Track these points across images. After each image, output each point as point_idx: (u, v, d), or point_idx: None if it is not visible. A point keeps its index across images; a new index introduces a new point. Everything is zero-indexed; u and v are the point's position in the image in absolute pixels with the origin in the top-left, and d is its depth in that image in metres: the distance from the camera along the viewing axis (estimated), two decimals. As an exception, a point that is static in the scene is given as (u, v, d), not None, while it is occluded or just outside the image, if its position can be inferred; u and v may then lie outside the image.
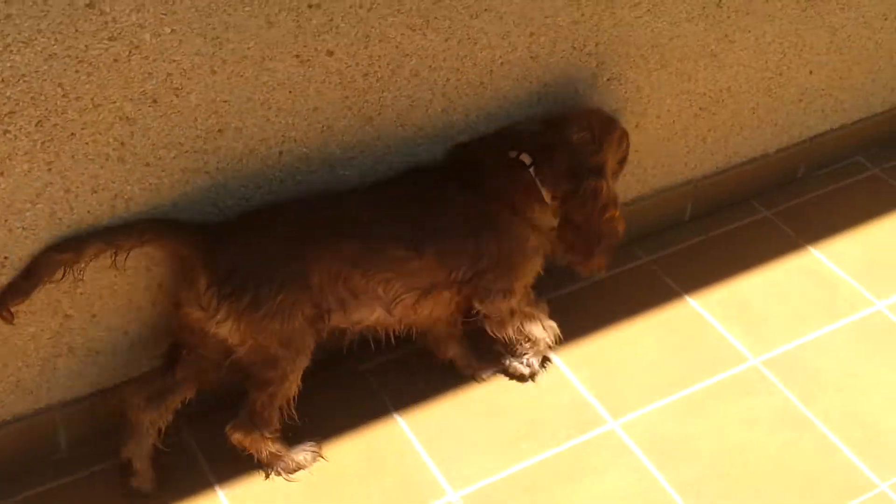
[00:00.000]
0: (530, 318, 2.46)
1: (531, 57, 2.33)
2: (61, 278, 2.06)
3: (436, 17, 2.13)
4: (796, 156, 3.03)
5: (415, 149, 2.30)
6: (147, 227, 2.12)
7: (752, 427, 2.43)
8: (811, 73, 2.86)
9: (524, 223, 2.34)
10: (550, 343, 2.51)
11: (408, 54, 2.15)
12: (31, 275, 2.06)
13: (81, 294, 2.13)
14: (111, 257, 2.09)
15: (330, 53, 2.05)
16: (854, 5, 2.79)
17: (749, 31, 2.64)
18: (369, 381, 2.52)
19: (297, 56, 2.02)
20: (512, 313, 2.42)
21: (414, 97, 2.22)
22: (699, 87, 2.66)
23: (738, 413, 2.46)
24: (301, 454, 2.36)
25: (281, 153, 2.13)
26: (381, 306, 2.27)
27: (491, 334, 2.45)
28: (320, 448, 2.40)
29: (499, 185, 2.31)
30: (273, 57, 2.00)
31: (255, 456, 2.31)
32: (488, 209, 2.30)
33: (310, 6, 1.97)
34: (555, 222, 2.38)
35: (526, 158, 2.31)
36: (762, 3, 2.60)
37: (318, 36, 2.01)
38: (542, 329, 2.49)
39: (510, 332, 2.45)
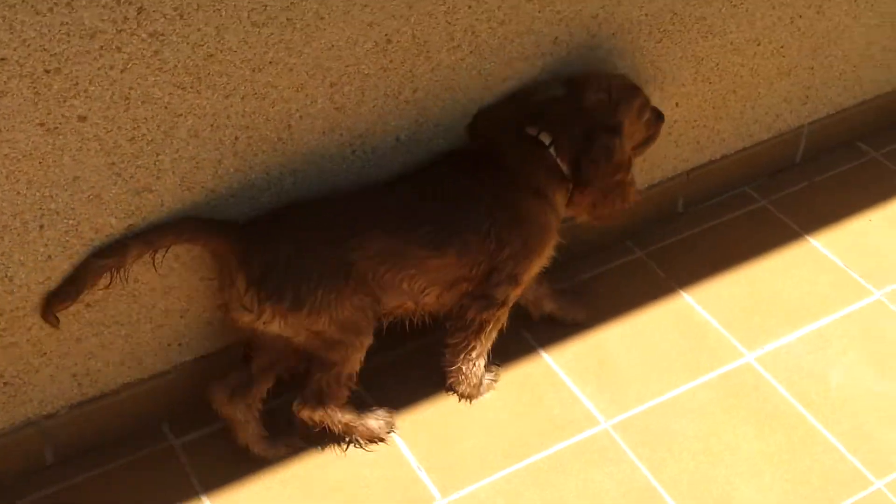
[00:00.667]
0: (488, 339, 2.41)
1: (336, 108, 2.14)
2: (109, 283, 2.10)
3: (209, 74, 1.94)
4: (673, 190, 2.83)
5: (209, 211, 2.13)
6: (185, 226, 2.14)
7: (592, 502, 2.25)
8: (677, 105, 2.66)
9: (547, 207, 2.34)
10: (469, 390, 2.46)
11: (181, 114, 1.96)
12: (77, 280, 2.08)
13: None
14: (151, 257, 2.13)
15: (82, 119, 1.86)
16: (718, 33, 2.59)
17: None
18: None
19: (42, 124, 1.83)
20: (502, 305, 2.35)
21: (198, 158, 2.04)
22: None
23: (579, 486, 2.27)
24: (374, 421, 2.37)
25: (42, 227, 1.96)
26: (410, 299, 2.31)
27: (448, 325, 2.41)
28: (393, 417, 2.41)
29: (520, 169, 2.31)
30: (12, 127, 1.82)
31: (330, 430, 2.32)
32: (510, 199, 2.30)
33: (46, 71, 1.78)
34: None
35: (545, 137, 2.30)
36: (608, 38, 2.42)
37: (64, 102, 1.83)
38: (476, 367, 2.44)
39: (471, 334, 2.39)
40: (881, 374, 2.50)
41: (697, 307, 2.65)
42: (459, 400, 2.47)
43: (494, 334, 2.44)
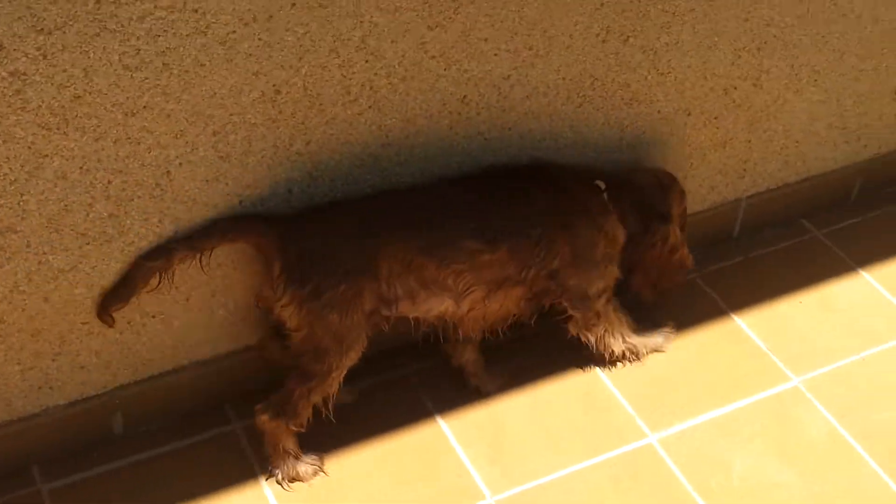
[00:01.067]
0: (613, 330, 2.54)
1: (220, 157, 2.08)
2: (157, 285, 2.19)
3: (77, 116, 1.89)
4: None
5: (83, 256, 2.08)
6: (227, 227, 2.22)
7: (464, 580, 2.16)
8: (600, 171, 2.59)
9: (597, 229, 2.42)
10: (632, 358, 2.60)
11: (46, 155, 1.91)
12: (129, 282, 2.18)
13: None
14: (197, 260, 2.21)
15: (-65, 156, 1.83)
16: (644, 100, 2.51)
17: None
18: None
19: None
20: (598, 316, 2.49)
21: (67, 201, 1.99)
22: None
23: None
24: (302, 466, 2.36)
25: None
26: (451, 297, 2.32)
27: (575, 335, 2.52)
28: (322, 462, 2.39)
29: (576, 191, 2.42)
30: None
31: (267, 448, 2.33)
32: (564, 209, 2.38)
33: None
34: (622, 237, 2.48)
35: (600, 183, 2.47)
36: (521, 101, 2.34)
37: (-83, 137, 1.79)
38: (622, 344, 2.56)
39: (593, 339, 2.52)
40: (786, 463, 2.39)
41: (606, 381, 2.55)
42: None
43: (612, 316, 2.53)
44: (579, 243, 2.40)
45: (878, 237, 2.99)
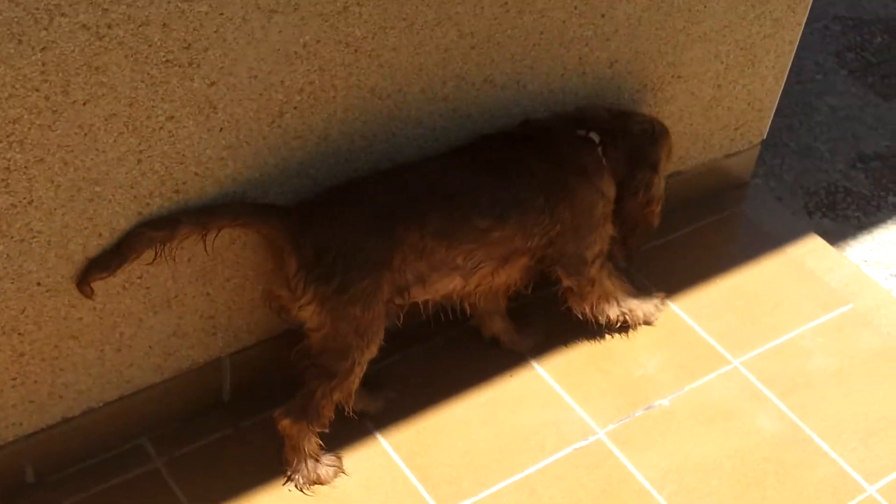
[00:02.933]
0: (608, 296, 2.62)
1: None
2: (153, 259, 2.09)
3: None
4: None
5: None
6: (240, 210, 2.16)
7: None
8: None
9: (594, 190, 2.47)
10: (631, 321, 2.71)
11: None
12: (122, 250, 2.06)
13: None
14: (202, 237, 2.12)
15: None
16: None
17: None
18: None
19: None
20: (592, 283, 2.55)
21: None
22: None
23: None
24: (322, 468, 2.38)
25: None
26: (460, 275, 2.34)
27: (572, 308, 2.61)
28: (341, 462, 2.43)
29: (571, 153, 2.46)
30: None
31: (287, 451, 2.34)
32: (562, 176, 2.43)
33: None
34: (614, 192, 2.53)
35: (594, 136, 2.51)
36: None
37: None
38: (618, 309, 2.65)
39: (587, 306, 2.60)
40: None
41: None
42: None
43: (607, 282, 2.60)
44: (579, 208, 2.45)
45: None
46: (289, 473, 2.38)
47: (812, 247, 3.16)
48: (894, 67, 4.24)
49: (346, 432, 2.51)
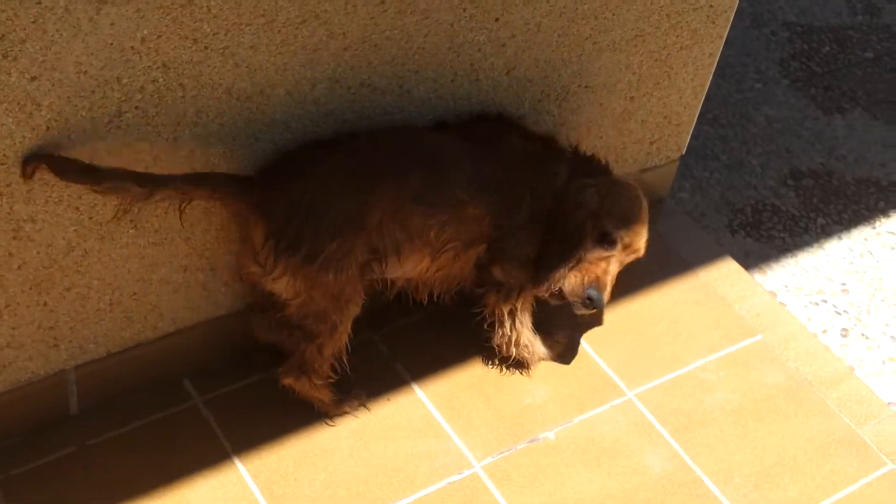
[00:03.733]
0: (520, 320, 2.54)
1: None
2: (117, 211, 2.03)
3: None
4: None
5: None
6: (221, 181, 2.12)
7: None
8: None
9: (551, 195, 2.40)
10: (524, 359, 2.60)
11: None
12: (101, 176, 1.96)
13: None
14: (178, 205, 2.10)
15: None
16: None
17: None
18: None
19: None
20: (517, 298, 2.48)
21: None
22: None
23: None
24: (346, 403, 2.46)
25: None
26: (429, 254, 2.31)
27: (487, 319, 2.53)
28: (365, 396, 2.50)
29: (542, 152, 2.44)
30: None
31: (306, 400, 2.41)
32: (534, 166, 2.39)
33: None
34: None
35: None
36: None
37: None
38: (523, 339, 2.56)
39: (506, 324, 2.52)
40: None
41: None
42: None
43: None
44: (535, 206, 2.36)
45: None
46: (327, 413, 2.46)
47: (726, 271, 2.98)
48: (839, 79, 4.07)
49: (203, 455, 2.34)
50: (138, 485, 2.29)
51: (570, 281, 2.36)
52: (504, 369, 2.62)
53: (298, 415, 2.44)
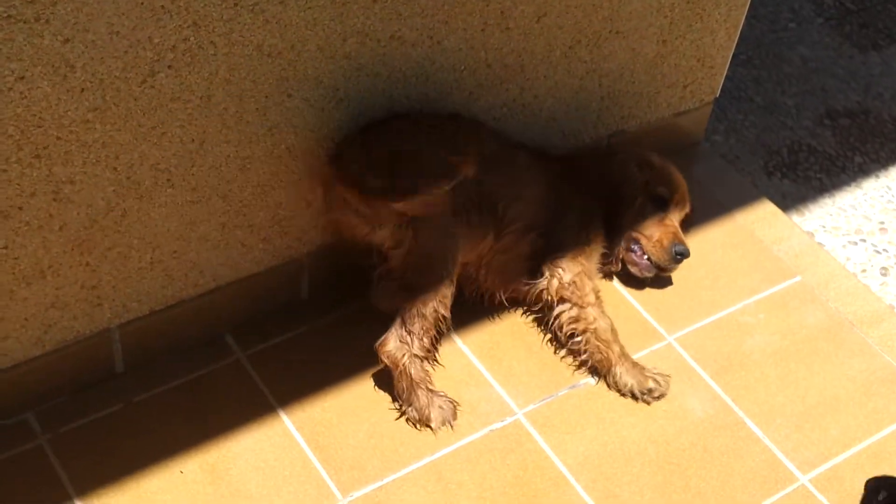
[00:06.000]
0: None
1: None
2: None
3: None
4: None
5: None
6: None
7: None
8: None
9: None
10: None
11: None
12: None
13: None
14: None
15: None
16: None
17: None
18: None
19: None
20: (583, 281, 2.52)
21: None
22: None
23: None
24: (436, 409, 2.35)
25: None
26: (493, 232, 2.39)
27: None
28: (455, 410, 2.39)
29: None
30: None
31: (396, 381, 2.32)
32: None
33: None
34: None
35: None
36: None
37: None
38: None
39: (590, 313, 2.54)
40: None
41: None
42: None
43: None
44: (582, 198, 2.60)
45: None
46: (401, 407, 2.37)
47: (763, 214, 2.96)
48: (873, 16, 4.00)
49: (247, 408, 2.38)
50: (184, 440, 2.32)
51: (654, 250, 2.62)
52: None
53: (341, 367, 2.46)
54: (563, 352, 2.56)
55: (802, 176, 3.32)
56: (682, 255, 2.62)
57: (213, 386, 2.43)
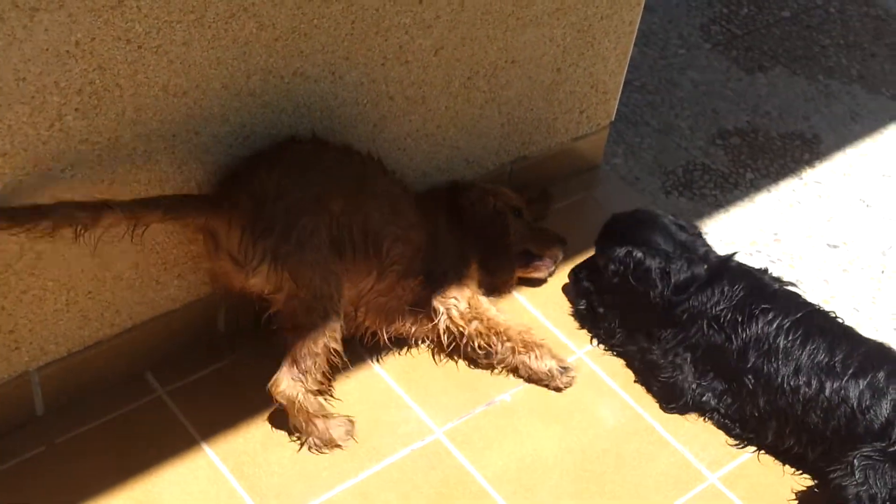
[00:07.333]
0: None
1: None
2: (74, 237, 2.04)
3: None
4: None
5: None
6: (172, 204, 2.16)
7: None
8: None
9: None
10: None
11: None
12: (40, 212, 1.99)
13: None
14: (129, 229, 2.11)
15: None
16: None
17: None
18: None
19: None
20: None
21: None
22: None
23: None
24: (336, 429, 2.42)
25: None
26: (377, 269, 2.42)
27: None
28: (354, 425, 2.46)
29: None
30: None
31: (292, 417, 2.38)
32: None
33: None
34: None
35: None
36: None
37: None
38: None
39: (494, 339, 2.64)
40: None
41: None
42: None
43: None
44: (452, 233, 2.73)
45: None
46: (301, 438, 2.42)
47: (661, 230, 3.10)
48: (758, 39, 4.20)
49: (170, 443, 2.41)
50: (110, 478, 2.35)
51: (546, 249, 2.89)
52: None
53: (262, 397, 2.48)
54: (478, 370, 2.64)
55: (698, 193, 3.47)
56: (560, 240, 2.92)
57: (136, 423, 2.47)
